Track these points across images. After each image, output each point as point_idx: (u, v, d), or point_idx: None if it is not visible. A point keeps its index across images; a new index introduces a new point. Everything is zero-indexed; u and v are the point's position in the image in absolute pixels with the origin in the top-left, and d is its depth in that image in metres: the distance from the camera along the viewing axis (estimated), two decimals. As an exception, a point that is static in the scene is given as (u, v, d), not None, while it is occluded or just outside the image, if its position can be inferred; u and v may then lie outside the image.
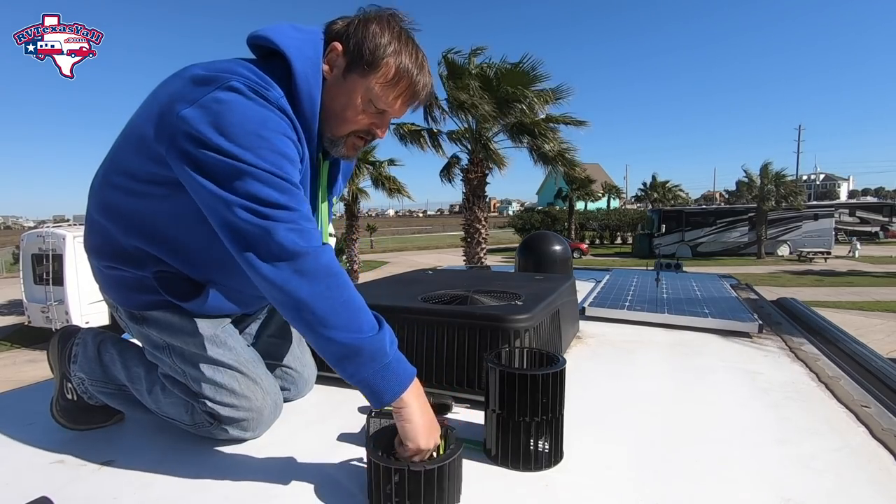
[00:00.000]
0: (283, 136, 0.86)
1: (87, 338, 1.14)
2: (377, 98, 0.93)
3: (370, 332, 0.84)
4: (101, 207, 1.00)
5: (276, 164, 0.84)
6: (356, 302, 0.85)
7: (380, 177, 16.09)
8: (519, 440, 0.92)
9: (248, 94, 0.84)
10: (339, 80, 0.93)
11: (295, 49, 0.91)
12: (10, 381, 7.36)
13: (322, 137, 0.98)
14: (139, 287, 1.01)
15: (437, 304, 1.35)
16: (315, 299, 0.81)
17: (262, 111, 0.84)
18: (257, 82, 0.86)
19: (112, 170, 0.99)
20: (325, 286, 0.83)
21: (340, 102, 0.94)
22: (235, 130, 0.82)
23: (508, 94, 9.47)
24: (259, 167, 0.82)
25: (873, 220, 29.05)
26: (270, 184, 0.83)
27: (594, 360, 1.64)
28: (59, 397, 1.12)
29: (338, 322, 0.82)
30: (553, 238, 2.68)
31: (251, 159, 0.82)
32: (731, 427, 1.13)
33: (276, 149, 0.84)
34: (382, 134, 0.99)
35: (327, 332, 0.82)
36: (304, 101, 0.91)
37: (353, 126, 0.96)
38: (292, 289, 0.81)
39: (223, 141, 0.81)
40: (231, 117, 0.82)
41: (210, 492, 0.87)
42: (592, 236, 32.67)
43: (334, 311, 0.82)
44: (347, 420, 1.14)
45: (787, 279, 16.02)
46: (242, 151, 0.81)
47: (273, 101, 0.86)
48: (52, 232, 10.59)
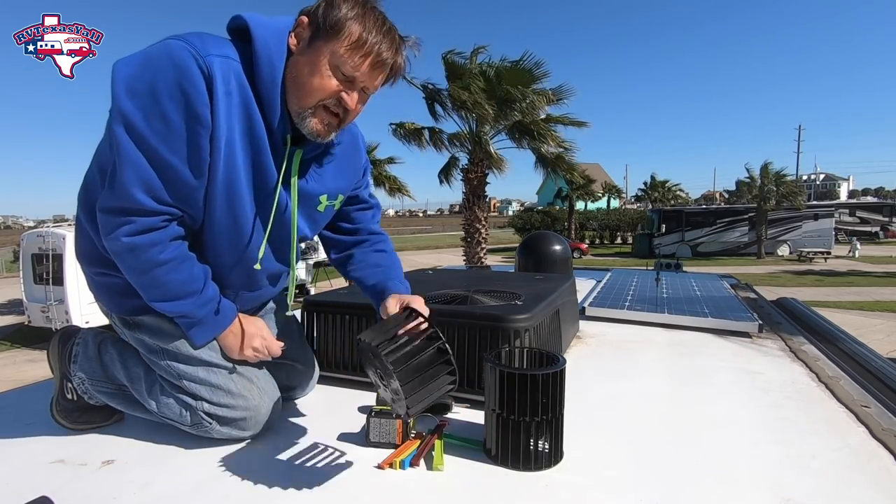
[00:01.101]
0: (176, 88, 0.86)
1: (87, 338, 1.14)
2: (342, 62, 0.90)
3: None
4: (86, 211, 1.01)
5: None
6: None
7: (381, 176, 16.08)
8: (519, 440, 0.92)
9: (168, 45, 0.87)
10: (304, 50, 0.92)
11: (256, 19, 0.93)
12: (10, 381, 7.36)
13: (293, 117, 0.95)
14: (129, 292, 1.01)
15: (437, 304, 1.35)
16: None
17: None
18: (195, 41, 0.87)
19: (94, 168, 0.99)
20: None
21: (306, 70, 0.92)
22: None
23: (509, 93, 9.47)
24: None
25: (873, 220, 29.03)
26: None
27: (594, 360, 1.64)
28: (60, 397, 1.12)
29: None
30: (553, 238, 2.68)
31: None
32: (730, 427, 1.13)
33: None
34: (353, 104, 0.94)
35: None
36: (264, 65, 0.91)
37: (320, 94, 0.92)
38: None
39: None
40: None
41: (210, 492, 0.87)
42: (592, 236, 32.65)
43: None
44: (347, 420, 1.14)
45: (787, 279, 16.02)
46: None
47: (202, 55, 0.86)
48: (52, 232, 10.58)
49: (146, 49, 0.89)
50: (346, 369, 1.39)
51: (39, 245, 10.47)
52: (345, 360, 1.39)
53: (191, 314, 1.00)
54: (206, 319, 1.02)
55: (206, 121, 0.88)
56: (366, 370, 0.96)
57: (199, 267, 0.99)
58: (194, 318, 1.01)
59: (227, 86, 0.88)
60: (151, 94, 0.85)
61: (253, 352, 1.06)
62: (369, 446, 1.01)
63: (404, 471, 0.92)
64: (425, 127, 11.20)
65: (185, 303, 0.98)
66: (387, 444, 1.01)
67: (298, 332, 1.32)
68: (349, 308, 1.38)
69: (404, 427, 1.01)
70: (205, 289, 1.00)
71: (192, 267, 0.98)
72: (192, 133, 0.88)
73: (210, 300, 1.01)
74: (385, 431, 1.01)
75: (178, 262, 0.95)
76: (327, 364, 1.41)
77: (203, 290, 1.00)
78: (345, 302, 1.41)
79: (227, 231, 0.99)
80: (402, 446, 0.98)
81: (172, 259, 0.94)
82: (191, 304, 0.99)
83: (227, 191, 0.94)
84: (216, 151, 0.91)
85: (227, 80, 0.88)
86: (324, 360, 1.40)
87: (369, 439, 1.02)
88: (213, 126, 0.89)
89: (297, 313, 1.47)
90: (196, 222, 0.98)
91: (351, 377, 1.38)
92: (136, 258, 0.93)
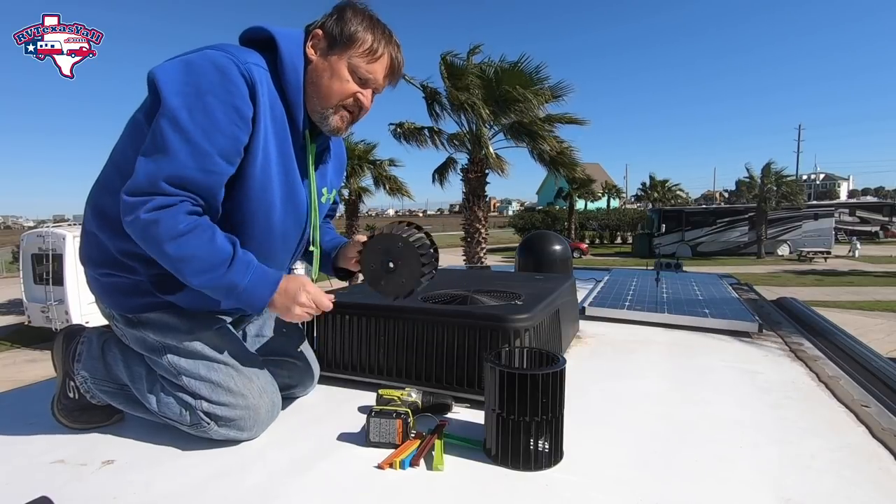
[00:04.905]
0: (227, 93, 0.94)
1: (91, 337, 1.15)
2: (358, 67, 1.05)
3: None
4: (95, 214, 1.04)
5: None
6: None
7: (381, 176, 16.08)
8: (519, 440, 0.92)
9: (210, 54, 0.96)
10: (323, 59, 1.06)
11: (280, 31, 1.05)
12: (11, 381, 7.36)
13: (311, 116, 1.08)
14: (135, 291, 1.03)
15: (437, 303, 1.35)
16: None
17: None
18: (233, 50, 0.97)
19: (109, 170, 1.03)
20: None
21: (327, 76, 1.05)
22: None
23: (508, 93, 9.47)
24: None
25: (873, 220, 29.03)
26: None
27: (594, 360, 1.64)
28: (61, 396, 1.12)
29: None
30: (553, 238, 2.68)
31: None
32: (730, 427, 1.13)
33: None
34: (368, 103, 1.10)
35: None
36: (289, 71, 1.03)
37: (341, 95, 1.06)
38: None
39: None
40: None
41: (210, 492, 0.87)
42: (592, 236, 32.65)
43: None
44: (347, 420, 1.14)
45: (787, 279, 16.02)
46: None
47: (241, 62, 0.96)
48: (52, 232, 10.58)
49: (182, 57, 0.97)
50: (346, 369, 1.39)
51: (39, 245, 10.48)
52: (345, 360, 1.39)
53: (235, 282, 0.97)
54: (252, 284, 0.99)
55: (248, 119, 0.97)
56: (367, 264, 1.14)
57: (223, 237, 0.99)
58: (240, 285, 0.98)
59: (261, 88, 0.98)
60: (197, 92, 0.93)
61: (301, 308, 1.04)
62: (369, 446, 1.01)
63: (404, 471, 0.92)
64: (425, 127, 11.21)
65: (224, 272, 0.96)
66: (387, 444, 1.01)
67: (298, 331, 1.32)
68: (349, 308, 1.38)
69: (404, 427, 1.01)
70: (237, 253, 0.99)
71: (215, 235, 0.97)
72: (232, 127, 0.95)
73: (248, 263, 1.00)
74: (385, 431, 1.01)
75: (201, 229, 0.95)
76: (327, 364, 1.41)
77: (236, 256, 0.98)
78: (345, 302, 1.41)
79: (259, 222, 1.06)
80: (402, 446, 0.98)
81: (193, 227, 0.94)
82: (231, 270, 0.97)
83: (262, 183, 1.03)
84: (255, 148, 0.99)
85: (262, 84, 0.98)
86: (324, 360, 1.40)
87: (369, 439, 1.02)
88: (254, 127, 0.98)
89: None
90: (214, 214, 1.00)
91: (351, 377, 1.38)
92: (157, 230, 0.92)
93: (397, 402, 1.11)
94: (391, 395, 1.12)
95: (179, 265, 0.95)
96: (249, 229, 1.05)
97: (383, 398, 1.12)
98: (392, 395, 1.12)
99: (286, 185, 1.07)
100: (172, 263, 0.96)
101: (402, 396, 1.13)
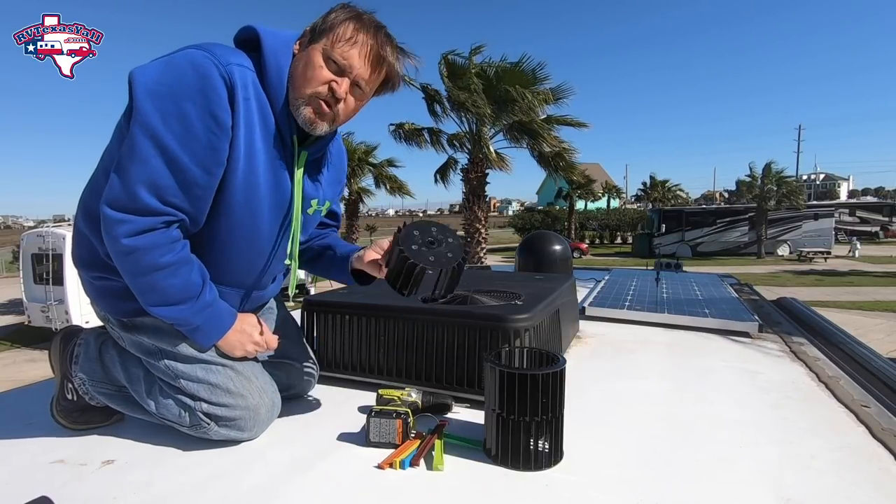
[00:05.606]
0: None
1: (89, 338, 1.15)
2: (332, 52, 0.98)
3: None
4: (85, 217, 1.02)
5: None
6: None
7: (381, 176, 16.10)
8: (519, 440, 0.92)
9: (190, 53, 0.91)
10: (304, 50, 1.01)
11: (266, 30, 1.01)
12: (10, 381, 7.36)
13: (293, 113, 1.01)
14: (127, 294, 1.01)
15: (437, 303, 1.35)
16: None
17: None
18: (215, 51, 0.92)
19: (99, 173, 1.00)
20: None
21: (301, 65, 1.00)
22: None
23: (508, 93, 9.47)
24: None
25: (873, 220, 29.04)
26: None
27: (594, 360, 1.64)
28: (60, 397, 1.12)
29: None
30: (553, 238, 2.68)
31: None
32: (730, 427, 1.13)
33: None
34: (342, 91, 0.99)
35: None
36: (272, 70, 0.98)
37: (314, 82, 0.98)
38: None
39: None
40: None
41: (210, 492, 0.87)
42: (592, 236, 32.65)
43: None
44: (347, 420, 1.14)
45: (787, 279, 16.02)
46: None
47: (222, 63, 0.91)
48: (51, 232, 10.60)
49: (166, 57, 0.93)
50: (345, 369, 1.39)
51: (39, 245, 10.49)
52: (345, 360, 1.39)
53: (188, 321, 0.99)
54: (204, 326, 1.01)
55: (227, 126, 0.92)
56: (409, 245, 1.05)
57: (196, 272, 0.99)
58: (192, 324, 1.00)
59: (245, 91, 0.93)
60: (172, 96, 0.89)
61: (254, 346, 1.07)
62: (369, 446, 1.01)
63: (404, 471, 0.92)
64: (425, 127, 11.22)
65: (182, 308, 0.98)
66: (387, 444, 1.00)
67: (297, 332, 1.32)
68: (349, 308, 1.38)
69: (404, 427, 1.01)
70: (202, 294, 1.00)
71: (190, 272, 0.98)
72: (209, 136, 0.91)
73: (207, 305, 1.01)
74: (385, 431, 1.01)
75: (178, 266, 0.96)
76: (327, 364, 1.40)
77: (200, 296, 0.99)
78: (345, 302, 1.41)
79: (245, 231, 1.03)
80: (402, 446, 0.98)
81: (172, 263, 0.95)
82: (188, 309, 0.98)
83: (245, 191, 0.98)
84: (236, 155, 0.95)
85: (245, 87, 0.94)
86: (324, 360, 1.40)
87: (369, 439, 1.02)
88: (233, 132, 0.93)
89: (297, 313, 1.47)
90: (198, 226, 0.99)
91: (351, 377, 1.38)
92: (135, 261, 0.93)
93: (397, 402, 1.11)
94: (391, 395, 1.12)
95: (145, 295, 0.97)
96: (233, 240, 1.03)
97: (383, 398, 1.12)
98: (392, 395, 1.12)
99: (275, 193, 1.03)
100: (139, 289, 0.96)
101: (402, 396, 1.13)
